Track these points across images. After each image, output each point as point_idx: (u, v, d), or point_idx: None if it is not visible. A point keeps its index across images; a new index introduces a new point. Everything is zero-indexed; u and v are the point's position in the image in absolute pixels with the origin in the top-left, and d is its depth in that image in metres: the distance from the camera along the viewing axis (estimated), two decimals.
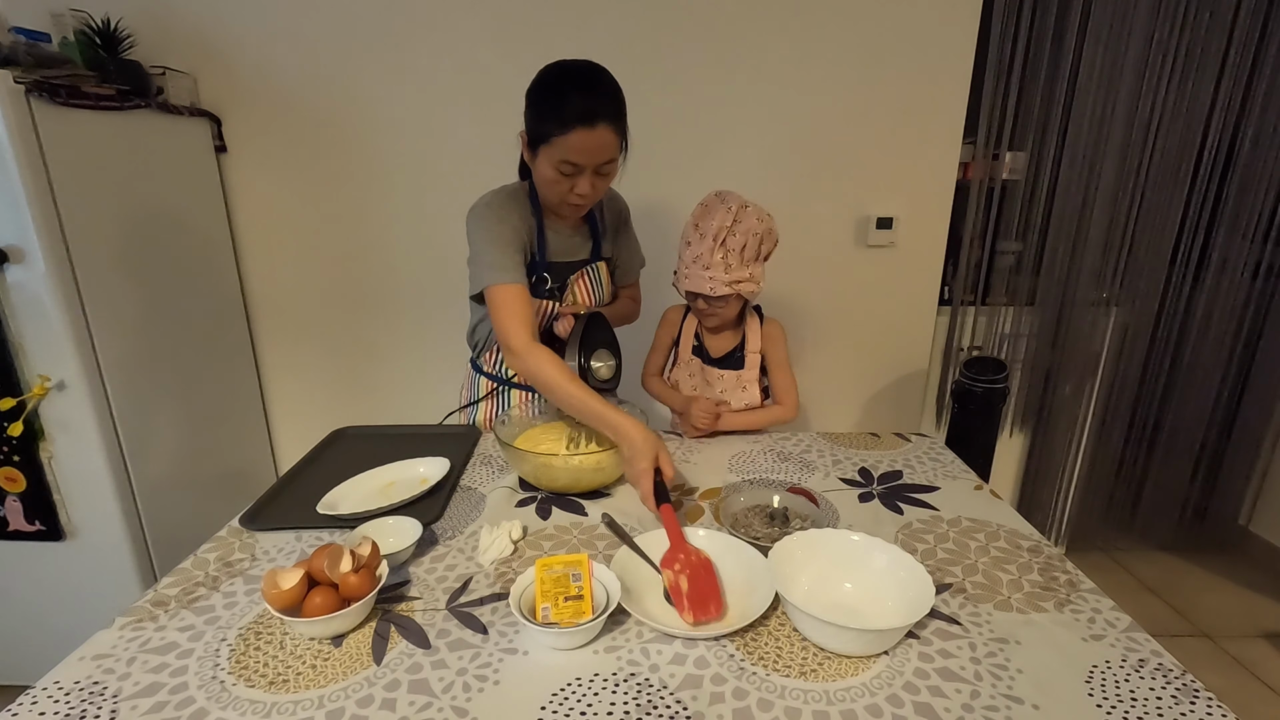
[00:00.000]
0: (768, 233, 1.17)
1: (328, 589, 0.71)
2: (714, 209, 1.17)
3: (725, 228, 1.14)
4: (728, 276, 1.15)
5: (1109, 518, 2.36)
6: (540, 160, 1.09)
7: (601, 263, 1.30)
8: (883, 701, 0.61)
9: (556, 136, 1.04)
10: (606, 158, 1.07)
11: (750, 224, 1.15)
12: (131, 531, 1.54)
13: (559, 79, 1.06)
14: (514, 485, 1.06)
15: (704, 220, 1.17)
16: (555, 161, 1.06)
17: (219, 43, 1.78)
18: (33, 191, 1.29)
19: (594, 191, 1.10)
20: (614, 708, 0.61)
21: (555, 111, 1.03)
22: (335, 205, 1.93)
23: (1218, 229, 2.00)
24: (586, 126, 1.02)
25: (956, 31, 1.79)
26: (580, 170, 1.07)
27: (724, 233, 1.14)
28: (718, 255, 1.15)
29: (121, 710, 0.62)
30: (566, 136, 1.03)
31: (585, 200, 1.12)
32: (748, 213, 1.15)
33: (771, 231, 1.18)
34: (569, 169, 1.07)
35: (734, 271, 1.16)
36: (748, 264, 1.17)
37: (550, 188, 1.11)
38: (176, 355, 1.72)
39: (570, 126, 1.02)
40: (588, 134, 1.03)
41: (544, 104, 1.05)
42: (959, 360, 2.10)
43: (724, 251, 1.15)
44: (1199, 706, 0.60)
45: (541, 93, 1.06)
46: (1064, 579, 0.81)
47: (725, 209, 1.15)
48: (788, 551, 0.78)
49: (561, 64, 1.08)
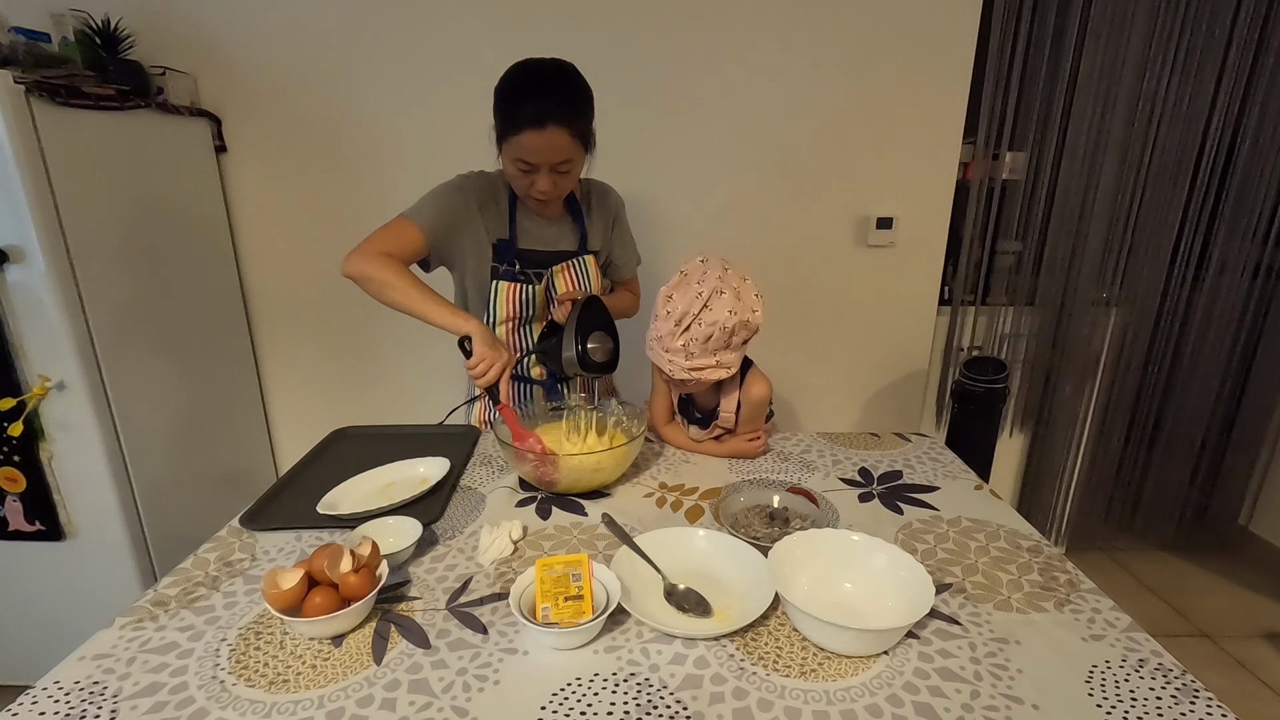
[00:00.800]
0: (741, 325, 1.04)
1: (328, 589, 0.71)
2: (688, 284, 1.06)
3: (691, 315, 1.04)
4: (687, 364, 1.06)
5: (1109, 518, 2.36)
6: (503, 155, 1.14)
7: (589, 256, 1.30)
8: (883, 701, 0.61)
9: (511, 136, 1.09)
10: (560, 158, 1.11)
11: (719, 315, 1.03)
12: (131, 531, 1.54)
13: (517, 79, 1.10)
14: (514, 485, 1.06)
15: (677, 295, 1.07)
16: (512, 158, 1.12)
17: (219, 43, 1.78)
18: (33, 191, 1.29)
19: (554, 189, 1.14)
20: (614, 708, 0.61)
21: (509, 112, 1.08)
22: (335, 205, 1.93)
23: (1218, 229, 2.00)
24: (536, 128, 1.06)
25: (956, 31, 1.79)
26: (535, 169, 1.11)
27: (689, 319, 1.04)
28: (678, 341, 1.05)
29: (121, 710, 0.62)
30: (519, 137, 1.08)
31: (546, 196, 1.16)
32: (721, 301, 1.03)
33: (747, 323, 1.05)
34: (525, 166, 1.11)
35: (695, 359, 1.06)
36: (714, 352, 1.06)
37: (514, 181, 1.17)
38: (176, 355, 1.72)
39: (521, 128, 1.07)
40: (537, 135, 1.07)
41: (502, 103, 1.10)
42: (959, 360, 2.10)
43: (686, 339, 1.05)
44: (1199, 706, 0.60)
45: (501, 91, 1.10)
46: (1064, 579, 0.81)
47: (695, 293, 1.04)
48: (788, 551, 0.78)
49: (525, 64, 1.11)
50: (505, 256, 1.23)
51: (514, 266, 1.23)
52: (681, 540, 0.86)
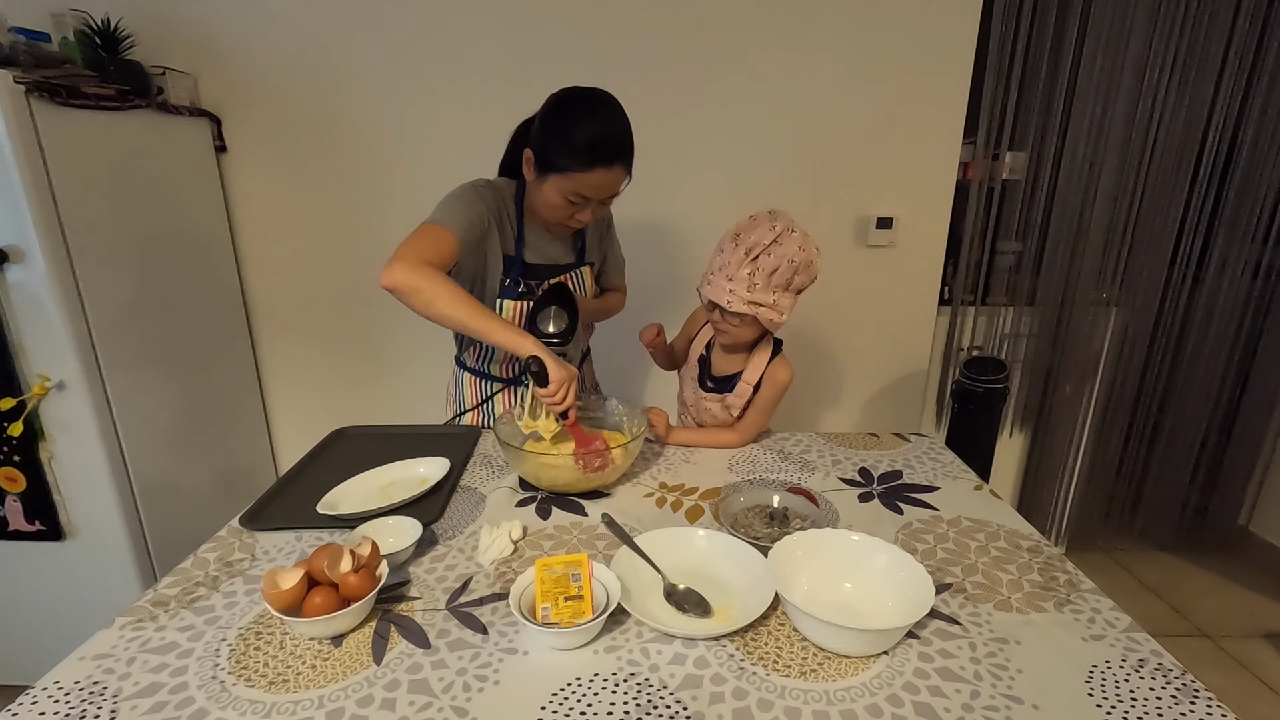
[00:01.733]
0: (806, 264, 1.08)
1: (328, 589, 0.71)
2: (760, 224, 1.09)
3: (763, 245, 1.07)
4: (749, 295, 1.08)
5: (1109, 518, 2.36)
6: (548, 185, 1.10)
7: (585, 267, 1.31)
8: (883, 701, 0.61)
9: (574, 171, 1.06)
10: (616, 191, 1.12)
11: (790, 250, 1.06)
12: (131, 531, 1.54)
13: (582, 111, 1.06)
14: (514, 485, 1.06)
15: (746, 232, 1.09)
16: (565, 191, 1.08)
17: (219, 43, 1.78)
18: (33, 191, 1.29)
19: (593, 218, 1.15)
20: (614, 708, 0.61)
21: (576, 147, 1.05)
22: (335, 205, 1.93)
23: (1218, 229, 2.00)
24: (606, 166, 1.06)
25: (956, 31, 1.79)
26: (588, 202, 1.10)
27: (759, 249, 1.07)
28: (744, 270, 1.07)
29: (121, 710, 0.62)
30: (586, 174, 1.06)
31: (583, 225, 1.16)
32: (792, 238, 1.07)
33: (811, 264, 1.09)
34: (578, 200, 1.09)
35: (757, 292, 1.08)
36: (774, 290, 1.08)
37: (551, 211, 1.13)
38: (176, 355, 1.72)
39: (593, 165, 1.05)
40: (606, 173, 1.06)
41: (564, 136, 1.05)
42: (959, 360, 2.10)
43: (753, 268, 1.07)
44: (1199, 706, 0.60)
45: (562, 123, 1.06)
46: (1064, 579, 0.81)
47: (769, 227, 1.08)
48: (788, 551, 0.78)
49: (581, 94, 1.07)
50: (511, 272, 1.20)
51: (518, 285, 1.21)
52: (681, 540, 0.86)
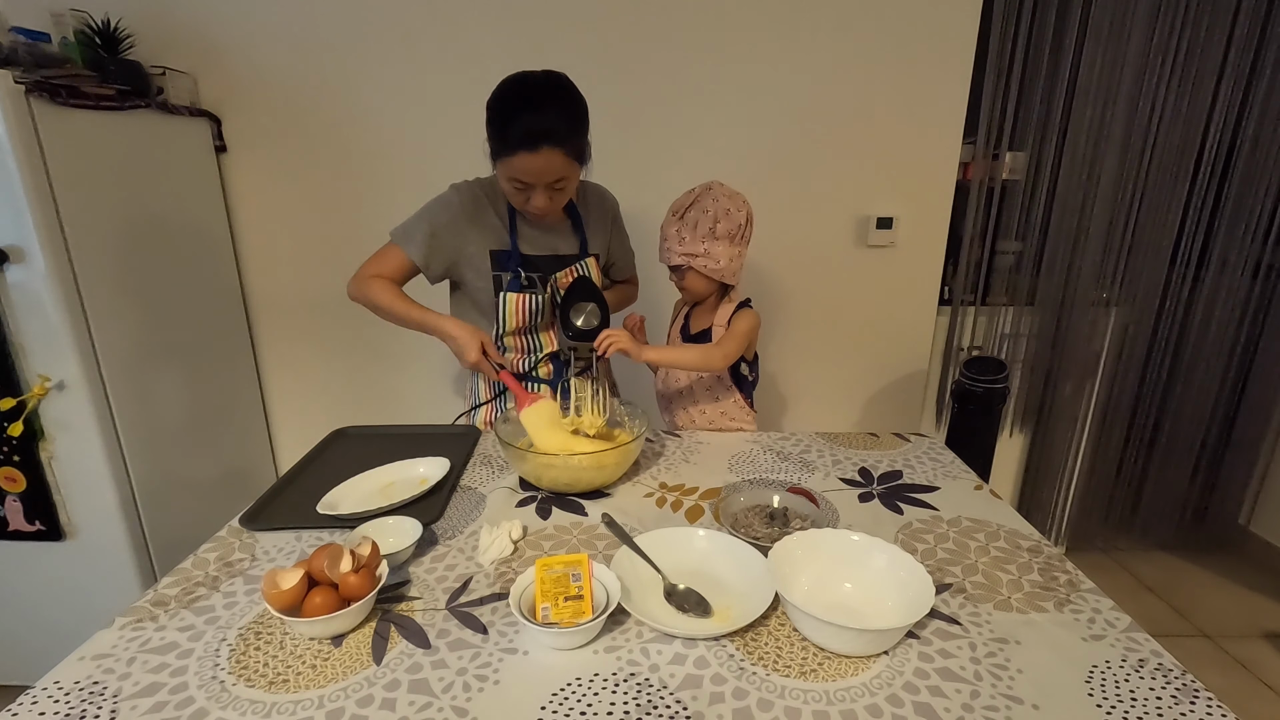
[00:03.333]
0: (723, 213, 1.20)
1: (328, 589, 0.71)
2: (690, 193, 1.25)
3: (684, 205, 1.23)
4: (680, 249, 1.23)
5: (1109, 518, 2.36)
6: (498, 172, 1.13)
7: (590, 259, 1.31)
8: (883, 701, 0.61)
9: (504, 156, 1.07)
10: (554, 177, 1.09)
11: (706, 203, 1.21)
12: (131, 531, 1.54)
13: (508, 97, 1.07)
14: (514, 485, 1.06)
15: (679, 202, 1.26)
16: (506, 177, 1.11)
17: (219, 43, 1.78)
18: (33, 191, 1.29)
19: (550, 204, 1.14)
20: (614, 708, 0.61)
21: (501, 132, 1.06)
22: (335, 205, 1.93)
23: (1218, 229, 2.00)
24: (529, 150, 1.05)
25: (956, 31, 1.79)
26: (531, 187, 1.11)
27: (682, 209, 1.24)
28: (673, 228, 1.24)
29: (121, 710, 0.62)
30: (512, 158, 1.06)
31: (542, 212, 1.15)
32: (709, 194, 1.22)
33: (729, 214, 1.20)
34: (519, 185, 1.11)
35: (687, 245, 1.22)
36: (702, 239, 1.21)
37: (510, 197, 1.16)
38: (176, 355, 1.72)
39: (514, 149, 1.05)
40: (530, 157, 1.05)
41: (495, 122, 1.07)
42: (959, 360, 2.10)
43: (679, 225, 1.23)
44: (1199, 706, 0.60)
45: (494, 109, 1.08)
46: (1064, 579, 0.81)
47: (691, 191, 1.24)
48: (788, 551, 0.78)
49: (518, 79, 1.07)
50: (508, 265, 1.22)
51: (519, 276, 1.22)
52: (681, 540, 0.86)
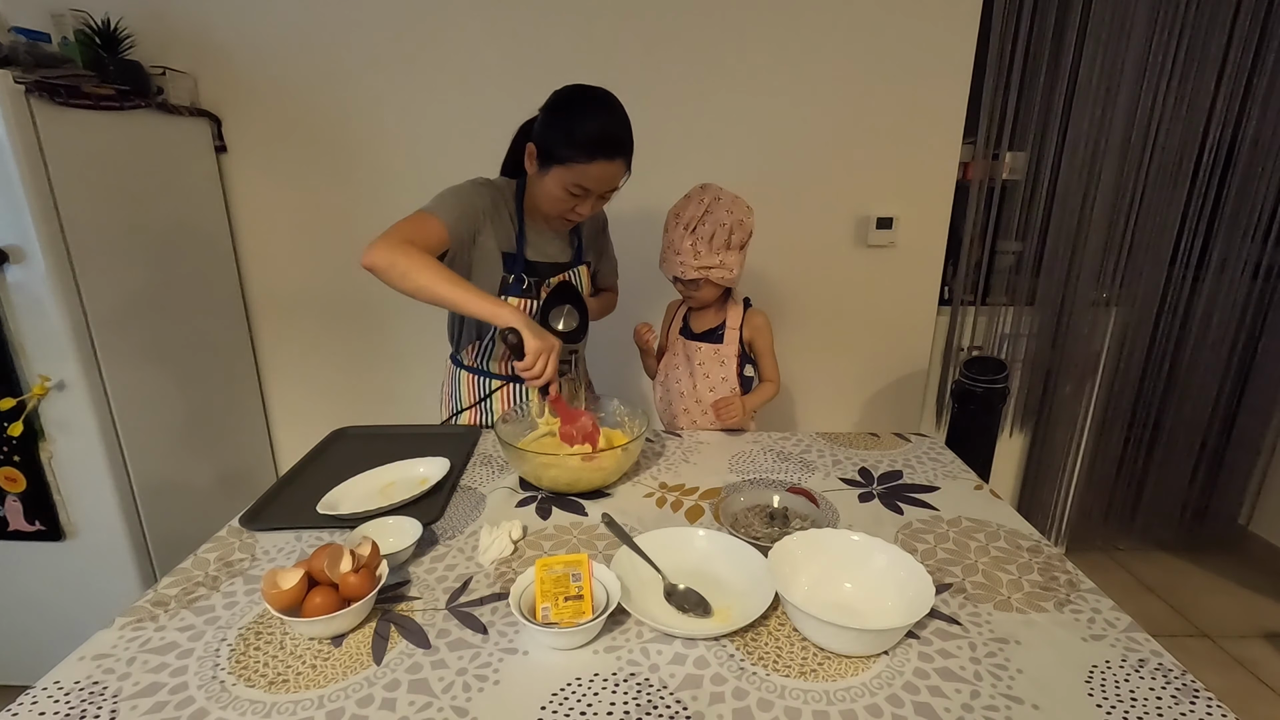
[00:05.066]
0: (737, 224, 1.23)
1: (328, 589, 0.71)
2: (692, 200, 1.26)
3: (696, 218, 1.23)
4: (696, 262, 1.24)
5: (1109, 518, 2.36)
6: (549, 178, 1.12)
7: (583, 267, 1.33)
8: (883, 701, 0.61)
9: (577, 163, 1.08)
10: (613, 186, 1.15)
11: (720, 215, 1.23)
12: (131, 531, 1.54)
13: (585, 106, 1.09)
14: (514, 485, 1.06)
15: (681, 210, 1.26)
16: (567, 183, 1.11)
17: (219, 43, 1.78)
18: (33, 191, 1.29)
19: (593, 211, 1.18)
20: (614, 708, 0.61)
21: (580, 139, 1.07)
22: (335, 205, 1.93)
23: (1218, 229, 2.00)
24: (607, 159, 1.08)
25: (956, 32, 1.79)
26: (589, 194, 1.13)
27: (694, 222, 1.24)
28: (687, 242, 1.24)
29: (121, 710, 0.62)
30: (588, 165, 1.08)
31: (583, 218, 1.18)
32: (719, 204, 1.23)
33: (742, 223, 1.24)
34: (579, 192, 1.12)
35: (703, 258, 1.24)
36: (717, 252, 1.24)
37: (553, 204, 1.15)
38: (176, 355, 1.72)
39: (594, 156, 1.08)
40: (608, 165, 1.09)
41: (568, 128, 1.08)
42: (959, 360, 2.10)
43: (693, 239, 1.23)
44: (1199, 706, 0.60)
45: (566, 116, 1.09)
46: (1064, 579, 0.81)
47: (699, 201, 1.24)
48: (788, 551, 0.78)
49: (585, 90, 1.11)
50: (513, 269, 1.22)
51: (522, 281, 1.22)
52: (681, 540, 0.86)
